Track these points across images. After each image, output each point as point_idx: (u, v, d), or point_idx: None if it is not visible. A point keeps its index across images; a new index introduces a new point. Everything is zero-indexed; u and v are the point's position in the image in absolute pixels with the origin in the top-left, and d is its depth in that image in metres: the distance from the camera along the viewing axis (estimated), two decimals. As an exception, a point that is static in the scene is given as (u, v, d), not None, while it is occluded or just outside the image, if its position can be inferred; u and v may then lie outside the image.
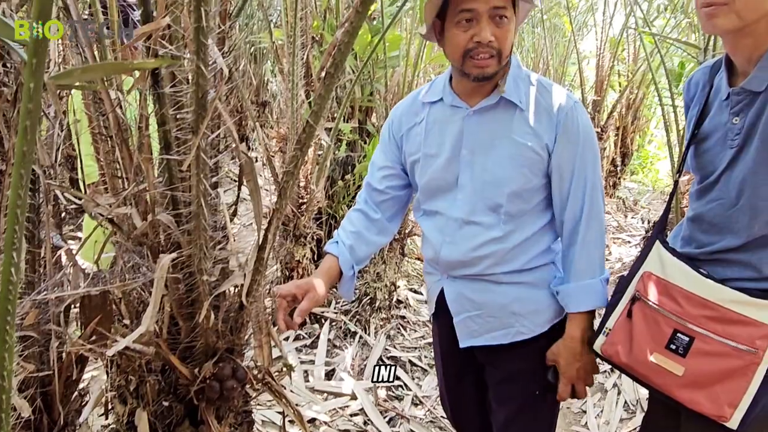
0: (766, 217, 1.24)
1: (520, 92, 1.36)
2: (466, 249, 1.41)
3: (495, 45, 1.27)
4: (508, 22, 1.29)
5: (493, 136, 1.37)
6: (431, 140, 1.45)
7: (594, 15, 6.13)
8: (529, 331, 1.44)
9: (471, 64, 1.30)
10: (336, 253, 1.51)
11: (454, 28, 1.29)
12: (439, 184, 1.45)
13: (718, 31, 1.21)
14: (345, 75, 3.46)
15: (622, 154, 6.33)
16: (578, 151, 1.36)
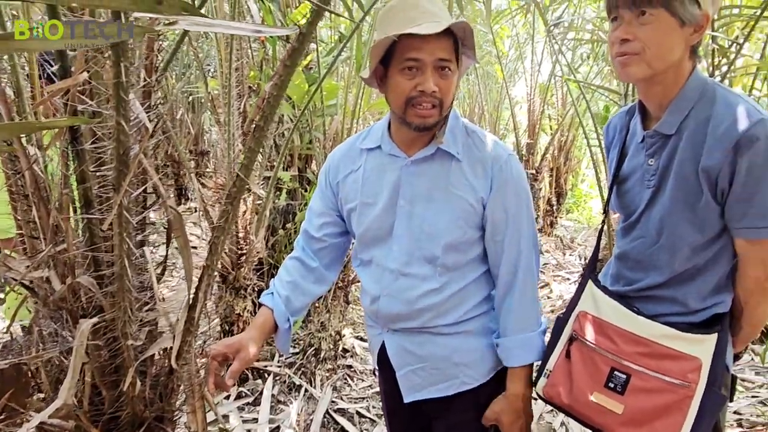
0: (687, 254, 1.29)
1: (458, 143, 1.37)
2: (404, 302, 1.39)
3: (438, 95, 1.27)
4: (452, 74, 1.30)
5: (430, 187, 1.36)
6: (368, 189, 1.43)
7: (523, 63, 6.44)
8: (474, 381, 1.42)
9: (413, 112, 1.29)
10: (271, 305, 1.45)
11: (399, 75, 1.28)
12: (375, 233, 1.43)
13: (632, 79, 1.28)
14: (283, 124, 3.47)
15: (557, 194, 6.56)
16: (512, 205, 1.36)
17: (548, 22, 3.90)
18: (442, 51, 1.25)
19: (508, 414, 1.39)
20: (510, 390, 1.40)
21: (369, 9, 2.24)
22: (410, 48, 1.24)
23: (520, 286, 1.38)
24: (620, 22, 1.22)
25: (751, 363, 3.21)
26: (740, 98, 1.22)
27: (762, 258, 1.23)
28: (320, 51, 3.29)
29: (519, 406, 1.39)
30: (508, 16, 5.46)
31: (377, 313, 1.45)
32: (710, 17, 1.21)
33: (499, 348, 1.40)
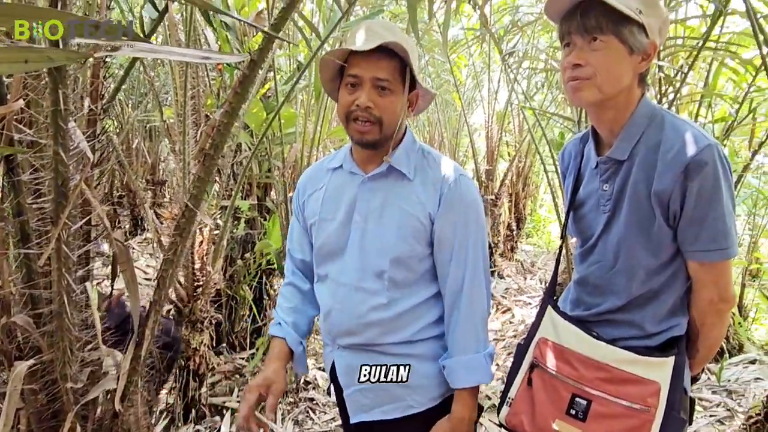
0: (642, 277, 1.31)
1: (410, 163, 1.40)
2: (353, 315, 1.40)
3: (374, 112, 1.31)
4: (391, 94, 1.33)
5: (383, 203, 1.40)
6: (328, 205, 1.47)
7: (480, 91, 6.57)
8: (421, 405, 1.41)
9: (352, 127, 1.35)
10: (282, 335, 1.50)
11: (343, 90, 1.36)
12: (331, 248, 1.45)
13: (583, 104, 1.31)
14: (241, 152, 3.42)
15: (517, 219, 6.66)
16: (460, 223, 1.38)
17: (503, 51, 4.00)
18: (381, 71, 1.31)
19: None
20: (454, 413, 1.38)
21: (326, 37, 2.25)
22: (352, 65, 1.32)
23: (466, 305, 1.38)
24: (572, 48, 1.25)
25: (708, 382, 3.27)
26: (687, 124, 1.25)
27: (714, 280, 1.25)
28: (278, 79, 3.27)
29: (462, 430, 1.38)
30: (464, 45, 5.58)
31: (330, 328, 1.46)
32: (657, 47, 1.25)
33: (445, 369, 1.39)
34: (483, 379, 1.39)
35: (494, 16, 4.65)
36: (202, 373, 2.84)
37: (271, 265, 3.63)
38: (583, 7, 1.21)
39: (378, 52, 1.29)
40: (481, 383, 1.39)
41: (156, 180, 7.68)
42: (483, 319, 1.42)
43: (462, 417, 1.37)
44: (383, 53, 1.30)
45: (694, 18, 3.21)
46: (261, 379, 1.40)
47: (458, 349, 1.38)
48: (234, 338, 3.64)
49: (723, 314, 1.30)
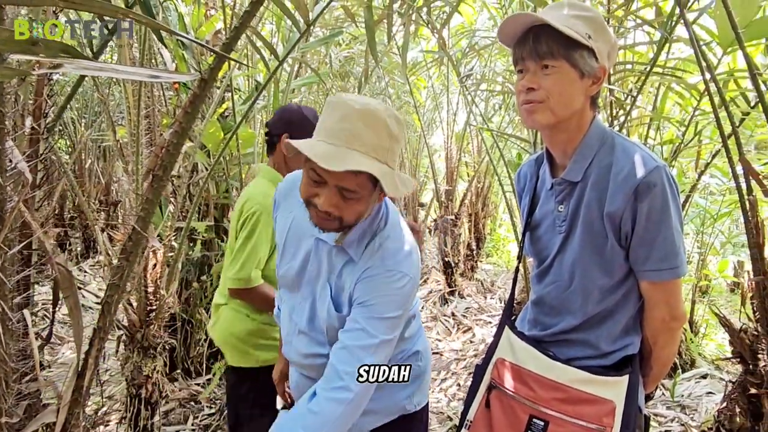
0: (597, 297, 1.32)
1: (360, 249, 1.31)
2: (299, 354, 1.43)
3: (335, 214, 1.20)
4: (357, 201, 1.21)
5: (328, 271, 1.36)
6: (291, 241, 1.45)
7: (440, 113, 6.66)
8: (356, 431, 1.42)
9: (313, 213, 1.24)
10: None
11: (305, 176, 1.22)
12: (290, 282, 1.45)
13: (537, 126, 1.33)
14: (198, 173, 3.35)
15: (476, 239, 6.72)
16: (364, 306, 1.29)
17: (460, 74, 4.07)
18: (347, 181, 1.17)
19: None
20: None
21: (285, 57, 2.23)
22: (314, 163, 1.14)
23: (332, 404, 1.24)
24: (526, 72, 1.27)
25: (662, 398, 3.34)
26: (637, 146, 1.29)
27: (665, 299, 1.28)
28: (236, 99, 3.24)
29: None
30: (423, 67, 5.66)
31: (286, 352, 1.49)
32: (607, 70, 1.28)
33: None
34: None
35: (452, 39, 4.74)
36: (155, 401, 2.73)
37: (228, 287, 3.55)
38: (534, 32, 1.23)
39: None
40: None
41: (110, 201, 7.45)
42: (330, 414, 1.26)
43: None
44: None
45: (642, 44, 3.34)
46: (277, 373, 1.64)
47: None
48: (189, 364, 3.53)
49: (674, 332, 1.33)
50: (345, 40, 5.09)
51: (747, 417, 2.00)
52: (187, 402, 3.24)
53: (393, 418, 1.50)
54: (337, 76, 5.07)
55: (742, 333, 2.00)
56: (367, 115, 1.17)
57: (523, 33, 1.26)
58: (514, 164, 4.58)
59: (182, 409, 3.17)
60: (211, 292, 3.44)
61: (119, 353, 2.80)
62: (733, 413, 2.05)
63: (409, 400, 1.52)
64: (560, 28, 1.19)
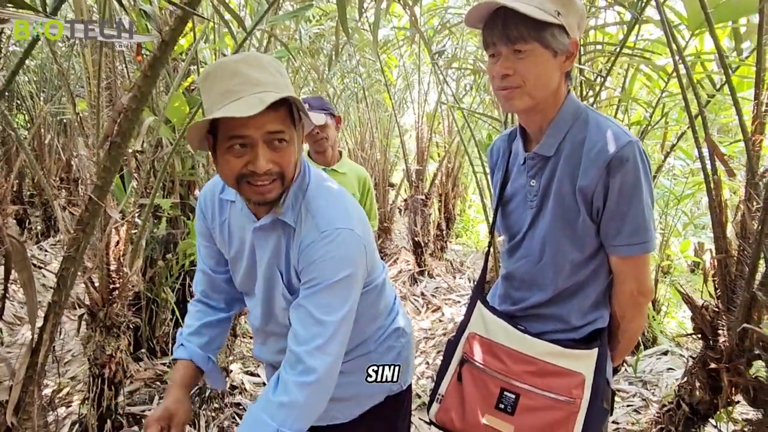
0: (568, 271, 1.33)
1: (296, 209, 1.27)
2: (271, 353, 1.44)
3: (275, 170, 1.16)
4: (288, 144, 1.17)
5: (272, 254, 1.30)
6: (234, 244, 1.39)
7: (411, 92, 6.62)
8: (344, 417, 1.44)
9: (249, 189, 1.18)
10: (187, 356, 1.43)
11: (227, 154, 1.15)
12: (245, 288, 1.45)
13: (516, 110, 1.32)
14: (163, 148, 3.25)
15: (446, 219, 6.75)
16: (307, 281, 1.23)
17: (432, 52, 4.03)
18: (272, 123, 1.13)
19: None
20: None
21: (252, 29, 2.16)
22: (234, 125, 1.11)
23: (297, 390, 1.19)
24: (498, 57, 1.25)
25: (625, 374, 3.43)
26: (610, 121, 1.28)
27: (634, 274, 1.29)
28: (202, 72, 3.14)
29: None
30: (395, 46, 5.60)
31: (259, 353, 1.50)
32: (578, 43, 1.27)
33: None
34: None
35: (424, 17, 4.68)
36: (119, 381, 2.66)
37: (195, 266, 3.48)
38: (503, 15, 1.20)
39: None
40: None
41: (71, 178, 7.22)
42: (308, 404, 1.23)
43: None
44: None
45: (613, 25, 3.35)
46: (161, 410, 1.30)
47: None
48: (155, 343, 3.46)
49: (642, 307, 1.35)
50: (315, 15, 4.99)
51: (706, 391, 2.06)
52: (153, 382, 3.19)
53: (380, 400, 1.47)
54: (307, 53, 4.96)
55: (704, 310, 2.04)
56: (249, 61, 1.14)
57: (491, 16, 1.23)
58: (484, 144, 4.59)
59: (147, 389, 3.11)
60: (177, 269, 3.37)
61: (81, 333, 2.73)
62: (693, 387, 2.11)
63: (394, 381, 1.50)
64: (529, 12, 1.16)
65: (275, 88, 1.13)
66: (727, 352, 1.93)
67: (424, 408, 3.15)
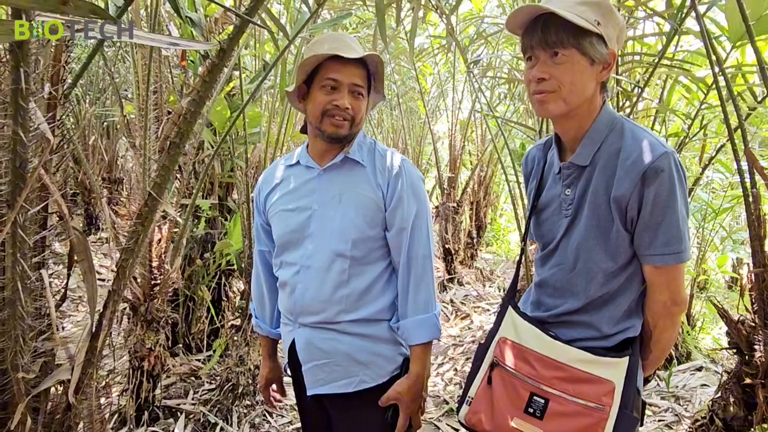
0: (601, 280, 1.34)
1: (363, 153, 1.57)
2: (315, 294, 1.52)
3: (350, 112, 1.49)
4: (363, 99, 1.53)
5: (340, 190, 1.54)
6: (287, 197, 1.61)
7: (445, 100, 6.65)
8: (372, 381, 1.54)
9: (328, 122, 1.49)
10: (262, 332, 1.79)
11: (319, 91, 1.49)
12: (291, 236, 1.57)
13: (550, 115, 1.34)
14: (204, 150, 3.37)
15: (477, 227, 6.74)
16: (404, 201, 1.53)
17: (467, 61, 4.06)
18: (357, 77, 1.50)
19: (410, 393, 1.53)
20: (413, 370, 1.54)
21: (294, 37, 2.24)
22: (331, 70, 1.48)
23: (419, 271, 1.54)
24: (535, 61, 1.27)
25: (657, 388, 3.38)
26: (646, 132, 1.30)
27: (668, 283, 1.30)
28: (244, 78, 3.24)
29: (419, 386, 1.54)
30: (430, 54, 5.64)
31: (291, 308, 1.57)
32: (616, 54, 1.29)
33: (400, 330, 1.55)
34: (435, 335, 1.55)
35: (460, 25, 4.72)
36: (157, 374, 2.76)
37: (231, 265, 3.58)
38: (543, 21, 1.23)
39: (354, 61, 1.48)
40: (433, 338, 1.55)
41: (112, 178, 7.46)
42: (433, 281, 1.58)
43: (419, 373, 1.53)
44: (358, 62, 1.50)
45: (651, 36, 3.34)
46: (263, 380, 1.79)
47: (413, 310, 1.54)
48: (191, 339, 3.56)
49: (675, 317, 1.35)
50: (352, 23, 5.07)
51: (741, 406, 2.03)
52: (188, 377, 3.28)
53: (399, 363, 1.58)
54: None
55: (740, 324, 2.02)
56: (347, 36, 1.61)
57: (531, 22, 1.26)
58: (517, 154, 4.59)
59: (183, 384, 3.21)
60: (214, 269, 3.47)
61: (122, 326, 2.83)
62: (728, 403, 2.08)
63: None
64: (569, 18, 1.19)
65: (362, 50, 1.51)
66: (763, 367, 1.90)
67: (452, 414, 3.17)
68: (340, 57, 1.46)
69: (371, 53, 1.50)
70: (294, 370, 1.63)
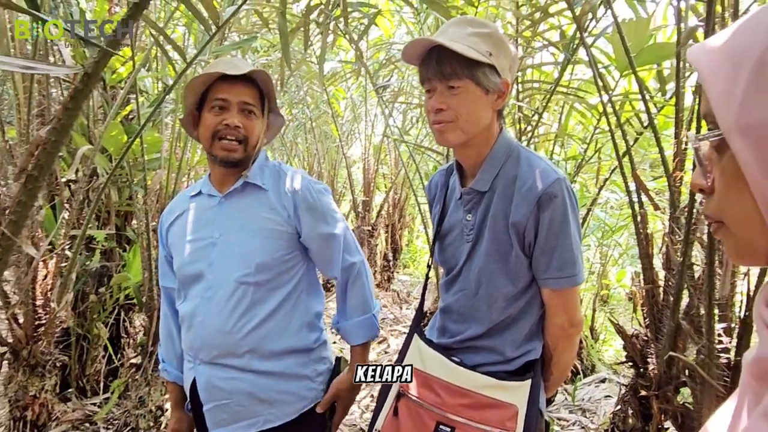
0: (502, 304, 1.35)
1: (265, 177, 1.54)
2: (217, 326, 1.45)
3: (242, 132, 1.45)
4: (256, 118, 1.49)
5: (242, 216, 1.50)
6: (188, 229, 1.55)
7: (359, 124, 6.69)
8: (278, 419, 1.48)
9: (219, 146, 1.46)
10: (171, 378, 1.65)
11: (208, 113, 1.46)
12: (192, 268, 1.50)
13: (449, 145, 1.36)
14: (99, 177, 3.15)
15: (393, 250, 6.78)
16: (320, 219, 1.52)
17: (377, 85, 4.11)
18: (246, 95, 1.47)
19: (349, 388, 1.56)
20: (353, 365, 1.55)
21: (193, 59, 2.15)
22: (219, 91, 1.46)
23: (352, 276, 1.57)
24: (433, 92, 1.29)
25: (565, 402, 3.49)
26: (540, 159, 1.33)
27: (564, 306, 1.33)
28: (142, 101, 3.08)
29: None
30: (342, 78, 5.67)
31: (192, 342, 1.49)
32: (510, 84, 1.32)
33: (340, 331, 1.59)
34: (374, 334, 1.60)
35: (370, 50, 4.78)
36: (43, 424, 2.51)
37: (130, 299, 3.35)
38: (438, 53, 1.25)
39: (243, 80, 1.46)
40: (372, 338, 1.60)
41: (0, 207, 6.86)
42: (368, 282, 1.62)
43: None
44: (247, 81, 1.47)
45: (548, 64, 3.52)
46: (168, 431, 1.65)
47: (351, 313, 1.58)
48: (85, 382, 3.28)
49: (572, 338, 1.38)
50: (263, 47, 5.00)
51: (638, 418, 2.12)
52: (81, 423, 3.01)
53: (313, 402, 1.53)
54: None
55: (634, 339, 2.12)
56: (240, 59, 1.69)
57: (427, 53, 1.28)
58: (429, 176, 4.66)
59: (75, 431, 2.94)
60: (111, 304, 3.23)
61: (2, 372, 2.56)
62: (626, 415, 2.17)
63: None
64: (460, 51, 1.21)
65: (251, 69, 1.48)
66: (656, 379, 2.00)
67: (366, 443, 3.10)
68: (227, 77, 1.44)
69: (257, 69, 1.47)
70: (195, 409, 1.55)
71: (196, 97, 1.49)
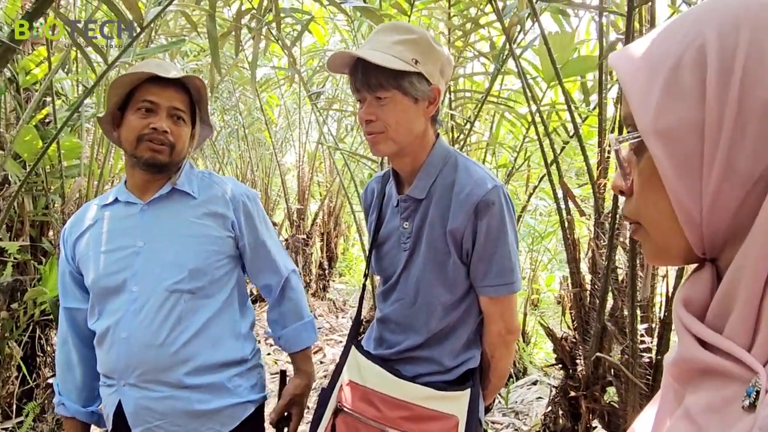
0: (440, 313, 1.34)
1: (193, 184, 1.47)
2: (146, 340, 1.35)
3: (169, 138, 1.38)
4: (184, 125, 1.43)
5: (169, 223, 1.43)
6: (103, 239, 1.44)
7: (293, 131, 6.60)
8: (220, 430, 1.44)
9: (144, 146, 1.37)
10: (68, 414, 1.49)
11: (134, 115, 1.38)
12: (110, 280, 1.40)
13: (382, 155, 1.35)
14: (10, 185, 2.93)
15: (329, 258, 6.72)
16: (258, 226, 1.51)
17: (310, 92, 4.06)
18: (177, 101, 1.40)
19: (303, 389, 1.57)
20: (303, 369, 1.58)
21: (114, 61, 2.04)
22: (148, 92, 1.38)
23: (293, 285, 1.58)
24: (363, 102, 1.27)
25: (498, 405, 3.55)
26: (477, 166, 1.34)
27: (501, 313, 1.34)
28: (60, 105, 2.90)
29: (308, 382, 1.58)
30: (275, 85, 5.58)
31: (114, 363, 1.38)
32: (440, 89, 1.31)
33: (282, 340, 1.57)
34: (314, 338, 1.61)
35: (304, 57, 4.73)
36: (-56, 456, 2.28)
37: (46, 315, 3.12)
38: (363, 64, 1.22)
39: (175, 84, 1.40)
40: (313, 342, 1.61)
41: None
42: (302, 291, 1.63)
43: (308, 372, 1.59)
44: (179, 86, 1.41)
45: (479, 74, 3.60)
46: None
47: (290, 320, 1.57)
48: (-5, 406, 3.03)
49: (510, 345, 1.40)
50: (193, 50, 4.85)
51: (568, 418, 2.18)
52: None
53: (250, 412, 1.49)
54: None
55: (563, 341, 2.18)
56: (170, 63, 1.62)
57: (354, 63, 1.26)
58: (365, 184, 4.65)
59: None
60: (24, 321, 3.00)
61: None
62: (557, 415, 2.23)
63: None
64: (381, 62, 1.18)
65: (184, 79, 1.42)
66: (584, 380, 2.06)
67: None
68: (158, 79, 1.37)
69: (192, 75, 1.42)
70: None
71: (120, 96, 1.40)
